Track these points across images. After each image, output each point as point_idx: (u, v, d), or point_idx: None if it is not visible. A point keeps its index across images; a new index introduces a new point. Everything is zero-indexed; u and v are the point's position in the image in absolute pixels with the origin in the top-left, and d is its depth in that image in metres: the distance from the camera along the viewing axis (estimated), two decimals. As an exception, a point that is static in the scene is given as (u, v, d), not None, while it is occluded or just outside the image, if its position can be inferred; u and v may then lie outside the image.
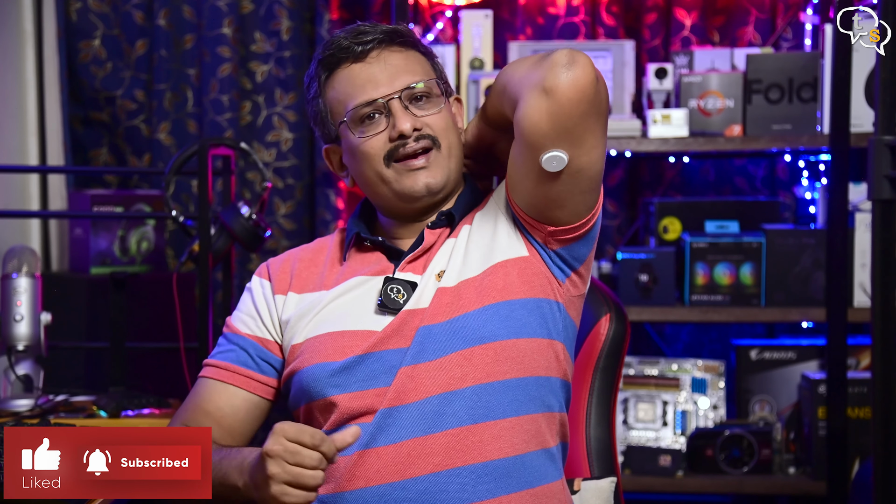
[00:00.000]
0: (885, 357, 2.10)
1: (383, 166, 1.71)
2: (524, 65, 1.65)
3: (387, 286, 1.70)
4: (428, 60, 1.79)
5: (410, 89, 1.72)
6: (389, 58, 1.73)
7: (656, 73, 3.04)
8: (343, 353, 1.68)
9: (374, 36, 1.74)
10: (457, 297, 1.67)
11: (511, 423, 1.64)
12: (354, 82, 1.72)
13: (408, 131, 1.69)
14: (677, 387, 3.11)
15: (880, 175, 2.09)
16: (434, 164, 1.72)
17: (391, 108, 1.71)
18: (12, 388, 2.33)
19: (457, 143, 1.76)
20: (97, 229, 3.02)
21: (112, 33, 3.34)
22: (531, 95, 1.58)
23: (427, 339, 1.66)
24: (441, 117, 1.73)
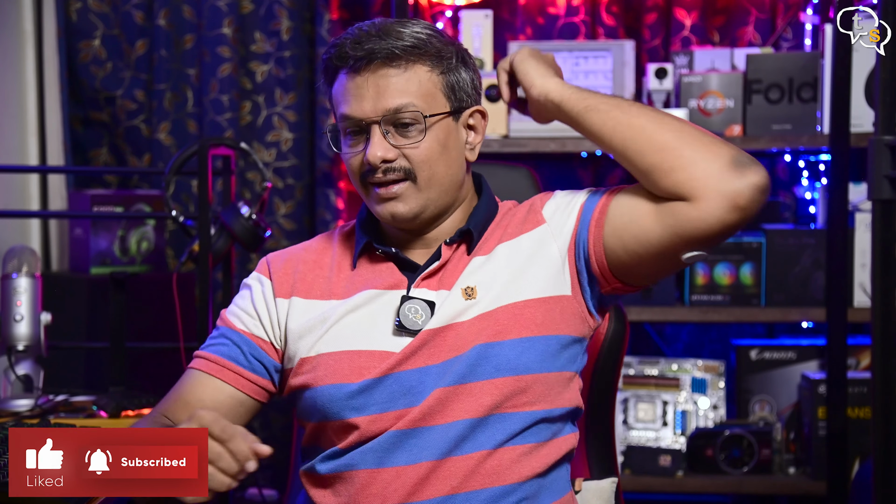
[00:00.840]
0: (885, 357, 2.10)
1: (361, 185, 1.69)
2: (697, 142, 1.60)
3: (404, 305, 1.65)
4: (438, 74, 1.68)
5: (391, 115, 1.64)
6: (381, 77, 1.65)
7: (656, 73, 3.04)
8: (360, 375, 1.63)
9: (369, 49, 1.64)
10: (493, 323, 1.64)
11: (530, 449, 1.64)
12: (345, 94, 1.67)
13: (375, 162, 1.63)
14: (677, 387, 3.11)
15: (880, 175, 2.08)
16: (405, 196, 1.66)
17: (370, 131, 1.65)
18: (12, 388, 2.32)
19: (445, 168, 1.68)
20: (97, 229, 3.02)
21: (112, 33, 3.34)
22: (718, 203, 1.57)
23: (458, 363, 1.62)
24: (422, 150, 1.65)
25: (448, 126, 1.69)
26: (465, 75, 1.71)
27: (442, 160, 1.67)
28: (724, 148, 1.60)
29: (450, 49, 1.69)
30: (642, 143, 1.62)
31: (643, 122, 1.63)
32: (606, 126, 1.65)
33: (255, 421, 3.31)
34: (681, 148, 1.60)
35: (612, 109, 1.66)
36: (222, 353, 1.72)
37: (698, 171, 1.58)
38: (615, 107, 1.66)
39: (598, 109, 1.66)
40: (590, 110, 1.66)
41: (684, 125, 1.63)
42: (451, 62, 1.69)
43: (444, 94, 1.68)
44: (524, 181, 2.17)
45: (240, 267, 3.31)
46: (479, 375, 1.62)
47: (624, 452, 3.07)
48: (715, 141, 1.61)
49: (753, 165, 1.58)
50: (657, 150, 1.61)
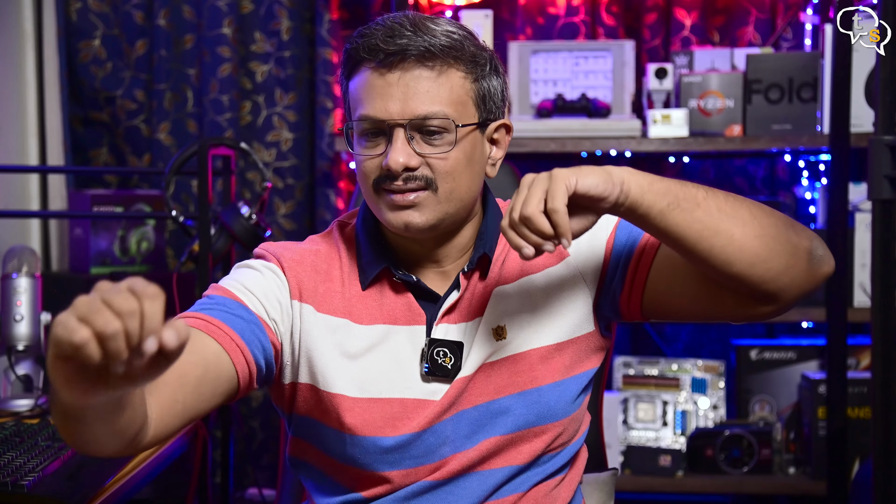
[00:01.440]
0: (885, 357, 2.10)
1: (373, 191, 1.55)
2: (783, 249, 1.47)
3: (433, 350, 1.55)
4: (471, 82, 1.55)
5: (421, 120, 1.51)
6: (413, 78, 1.51)
7: (656, 73, 3.04)
8: (396, 428, 1.54)
9: (404, 46, 1.50)
10: (527, 367, 1.57)
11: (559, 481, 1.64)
12: (369, 91, 1.52)
13: (397, 169, 1.50)
14: (677, 387, 3.11)
15: (880, 175, 2.08)
16: (423, 205, 1.53)
17: (393, 134, 1.52)
18: (12, 388, 2.32)
19: (466, 185, 1.55)
20: (97, 229, 3.02)
21: (112, 33, 3.34)
22: (792, 302, 1.52)
23: (498, 412, 1.56)
24: (449, 161, 1.52)
25: (475, 138, 1.57)
26: (496, 84, 1.59)
27: (466, 174, 1.55)
28: (805, 242, 1.48)
29: (484, 55, 1.57)
30: (730, 253, 1.45)
31: (730, 227, 1.44)
32: (691, 229, 1.44)
33: (253, 421, 3.32)
34: (769, 260, 1.46)
35: (695, 209, 1.44)
36: (219, 317, 1.49)
37: (784, 281, 1.48)
38: (697, 205, 1.45)
39: (682, 208, 1.44)
40: (672, 208, 1.44)
41: (767, 223, 1.46)
42: (485, 69, 1.57)
43: (474, 103, 1.56)
44: (506, 178, 2.15)
45: (240, 267, 3.31)
46: (521, 424, 1.57)
47: (624, 452, 3.07)
48: (793, 235, 1.48)
49: (827, 257, 1.51)
50: (746, 264, 1.45)
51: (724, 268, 1.46)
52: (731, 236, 1.44)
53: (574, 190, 1.38)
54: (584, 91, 3.12)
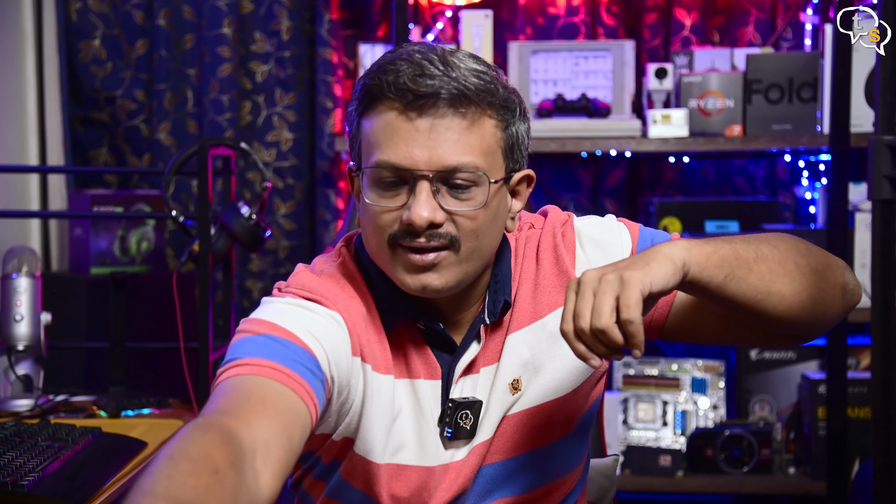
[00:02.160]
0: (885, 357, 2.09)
1: (386, 245, 1.40)
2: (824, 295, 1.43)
3: (457, 414, 1.45)
4: (502, 131, 1.42)
5: (449, 172, 1.36)
6: (444, 123, 1.36)
7: (656, 73, 3.04)
8: (423, 499, 1.47)
9: (437, 88, 1.35)
10: (543, 421, 1.50)
11: None
12: (391, 135, 1.37)
13: (421, 225, 1.36)
14: (677, 387, 3.11)
15: (880, 175, 2.08)
16: (443, 266, 1.39)
17: (416, 186, 1.36)
18: (12, 388, 2.32)
19: (488, 244, 1.43)
20: (97, 229, 3.02)
21: (112, 33, 3.34)
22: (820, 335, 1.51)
23: (516, 470, 1.50)
24: (474, 218, 1.38)
25: (501, 193, 1.44)
26: (523, 130, 1.47)
27: (490, 231, 1.42)
28: (839, 277, 1.46)
29: (514, 98, 1.44)
30: (781, 311, 1.40)
31: (780, 287, 1.39)
32: (747, 296, 1.38)
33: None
34: (815, 308, 1.43)
35: (748, 276, 1.37)
36: (291, 366, 1.33)
37: (823, 321, 1.46)
38: (750, 270, 1.37)
39: (736, 277, 1.36)
40: (729, 280, 1.36)
41: (809, 272, 1.41)
42: (515, 114, 1.44)
43: (503, 153, 1.43)
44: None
45: (240, 267, 3.31)
46: (537, 483, 1.52)
47: (624, 452, 3.07)
48: (834, 279, 1.45)
49: (857, 287, 1.49)
50: (795, 317, 1.41)
51: (775, 323, 1.42)
52: (783, 296, 1.40)
53: (649, 293, 1.26)
54: (584, 91, 3.12)
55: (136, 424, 2.21)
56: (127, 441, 2.01)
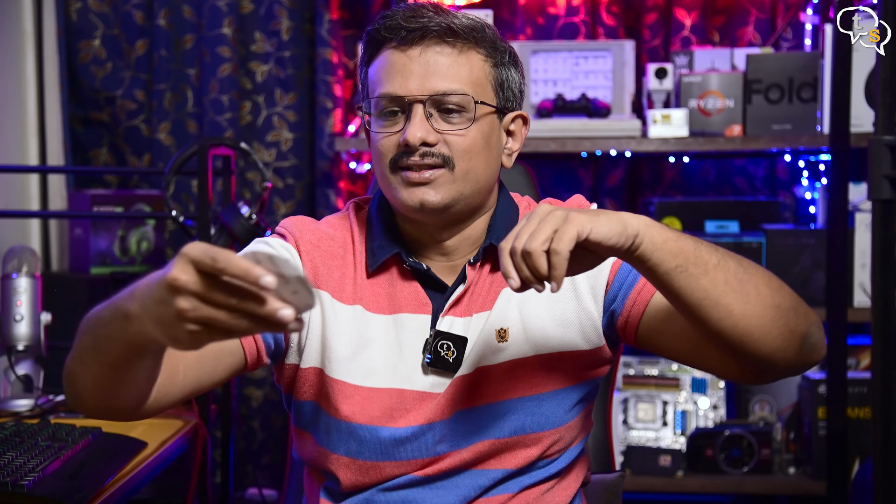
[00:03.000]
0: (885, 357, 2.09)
1: (388, 170, 1.55)
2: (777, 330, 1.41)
3: (437, 342, 1.55)
4: (489, 66, 1.57)
5: (440, 97, 1.52)
6: (433, 55, 1.52)
7: (656, 73, 3.04)
8: (394, 419, 1.54)
9: (425, 23, 1.52)
10: (529, 372, 1.56)
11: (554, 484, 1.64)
12: (389, 70, 1.53)
13: (415, 143, 1.51)
14: (677, 387, 3.11)
15: (880, 175, 2.08)
16: (439, 183, 1.53)
17: (412, 110, 1.52)
18: (12, 388, 2.33)
19: (484, 165, 1.56)
20: (97, 229, 3.02)
21: (112, 33, 3.34)
22: (775, 378, 1.50)
23: (497, 415, 1.57)
24: (466, 138, 1.53)
25: (493, 122, 1.58)
26: (514, 75, 1.61)
27: (483, 155, 1.56)
28: (802, 327, 1.44)
29: (503, 45, 1.60)
30: (724, 326, 1.41)
31: (730, 301, 1.39)
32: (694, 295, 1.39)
33: (253, 421, 3.32)
34: (762, 341, 1.42)
35: (701, 276, 1.38)
36: None
37: (775, 361, 1.44)
38: (705, 272, 1.38)
39: (688, 271, 1.38)
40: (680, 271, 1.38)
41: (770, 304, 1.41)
42: (504, 57, 1.59)
43: (493, 87, 1.57)
44: (520, 178, 2.16)
45: (240, 267, 3.30)
46: (518, 430, 1.57)
47: (624, 452, 3.07)
48: (795, 325, 1.44)
49: (820, 346, 1.48)
50: (737, 340, 1.42)
51: (714, 337, 1.43)
52: (730, 311, 1.39)
53: (586, 238, 1.31)
54: (584, 91, 3.12)
55: (136, 424, 2.22)
56: (127, 441, 2.01)
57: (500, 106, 1.58)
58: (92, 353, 1.34)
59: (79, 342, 1.37)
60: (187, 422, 2.30)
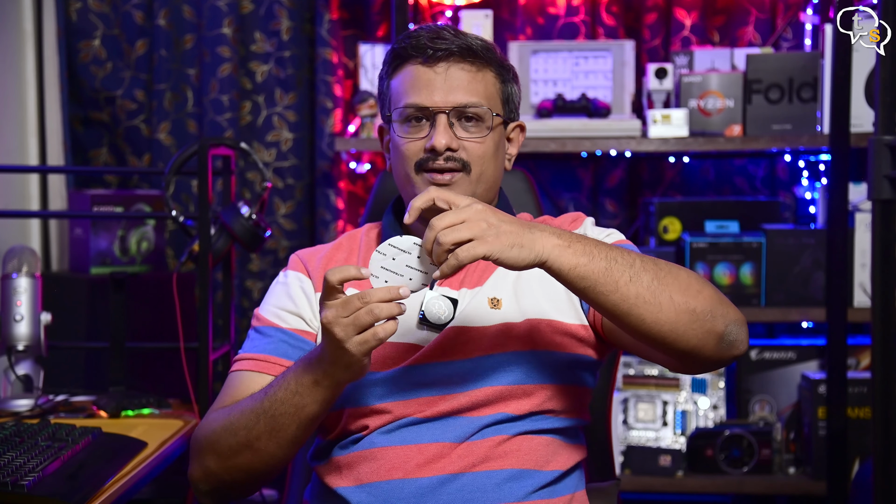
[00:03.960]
0: (885, 357, 2.10)
1: (413, 171, 1.74)
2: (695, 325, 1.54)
3: (428, 300, 1.72)
4: (499, 83, 1.78)
5: (462, 108, 1.72)
6: (455, 72, 1.73)
7: (656, 73, 3.04)
8: (386, 364, 1.69)
9: (448, 46, 1.73)
10: (522, 332, 1.70)
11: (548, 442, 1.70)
12: (415, 83, 1.73)
13: (441, 148, 1.70)
14: (677, 387, 3.11)
15: (880, 175, 2.09)
16: (457, 185, 1.72)
17: (436, 120, 1.72)
18: (12, 388, 2.32)
19: (493, 171, 1.76)
20: (97, 229, 3.02)
21: (112, 33, 3.34)
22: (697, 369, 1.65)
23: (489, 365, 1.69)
24: (482, 145, 1.73)
25: (501, 131, 1.79)
26: (516, 90, 1.82)
27: (493, 161, 1.76)
28: (719, 327, 1.56)
29: (508, 64, 1.81)
30: (638, 333, 1.55)
31: (642, 313, 1.52)
32: (606, 308, 1.53)
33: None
34: (676, 342, 1.55)
35: (611, 294, 1.51)
36: (268, 350, 1.74)
37: (694, 356, 1.58)
38: (615, 290, 1.51)
39: (596, 291, 1.51)
40: (588, 291, 1.51)
41: (683, 310, 1.53)
42: (510, 74, 1.80)
43: (501, 101, 1.78)
44: (520, 183, 2.17)
45: (240, 267, 3.31)
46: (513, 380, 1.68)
47: (624, 452, 3.07)
48: (712, 326, 1.55)
49: (740, 341, 1.60)
50: (651, 343, 1.57)
51: (636, 337, 1.58)
52: (643, 320, 1.53)
53: (495, 259, 1.46)
54: (584, 91, 3.12)
55: (136, 424, 2.22)
56: (127, 441, 2.01)
57: (506, 117, 1.79)
58: (276, 434, 1.61)
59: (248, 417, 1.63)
60: (187, 422, 2.30)
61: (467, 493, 1.63)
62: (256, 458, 1.63)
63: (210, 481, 1.68)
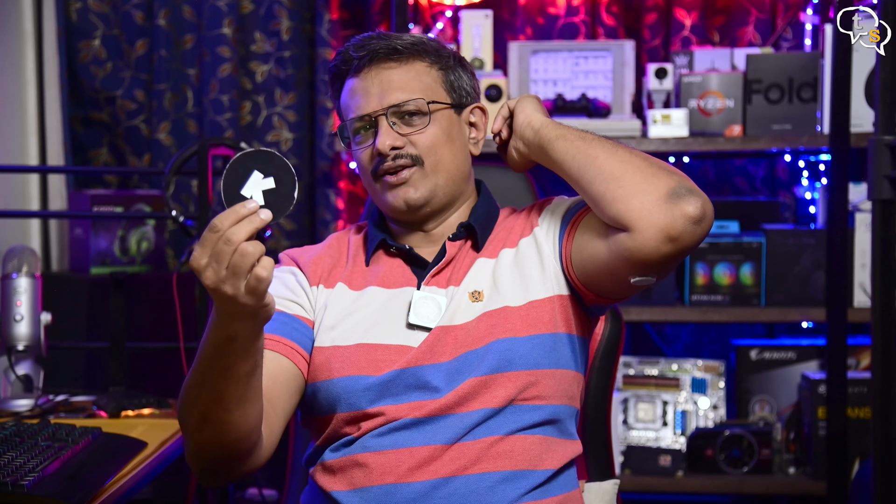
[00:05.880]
0: (885, 357, 2.10)
1: (371, 179, 1.76)
2: (639, 174, 1.61)
3: (416, 302, 1.72)
4: (436, 71, 1.78)
5: (397, 107, 1.74)
6: (383, 73, 1.75)
7: (656, 73, 3.04)
8: (378, 368, 1.68)
9: (368, 50, 1.75)
10: (503, 321, 1.70)
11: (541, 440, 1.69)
12: (352, 95, 1.77)
13: (384, 150, 1.72)
14: (677, 387, 3.11)
15: (880, 175, 2.09)
16: (414, 180, 1.74)
17: (378, 123, 1.74)
18: (12, 388, 2.32)
19: (450, 156, 1.76)
20: (97, 229, 3.02)
21: (112, 33, 3.34)
22: (651, 235, 1.57)
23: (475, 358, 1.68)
24: (428, 136, 1.74)
25: (450, 117, 1.78)
26: (463, 75, 1.81)
27: (447, 148, 1.76)
28: (665, 178, 1.60)
29: (446, 51, 1.81)
30: (593, 171, 1.64)
31: (598, 151, 1.66)
32: (568, 154, 1.68)
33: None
34: (623, 178, 1.61)
35: (577, 140, 1.69)
36: (271, 329, 1.70)
37: (635, 202, 1.58)
38: (580, 138, 1.69)
39: (566, 138, 1.70)
40: (559, 139, 1.70)
41: (635, 156, 1.64)
42: (449, 61, 1.80)
43: (444, 88, 1.78)
44: (520, 184, 2.17)
45: (240, 267, 3.31)
46: (494, 367, 1.67)
47: (624, 452, 3.07)
48: (659, 172, 1.61)
49: (691, 196, 1.58)
50: (604, 180, 1.62)
51: (590, 186, 1.64)
52: (596, 157, 1.65)
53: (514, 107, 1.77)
54: (584, 91, 3.12)
55: (136, 424, 2.22)
56: (127, 441, 2.01)
57: (455, 102, 1.79)
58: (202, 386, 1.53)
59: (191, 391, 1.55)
60: (187, 422, 2.30)
61: (460, 496, 1.63)
62: (218, 430, 1.54)
63: (195, 461, 1.61)
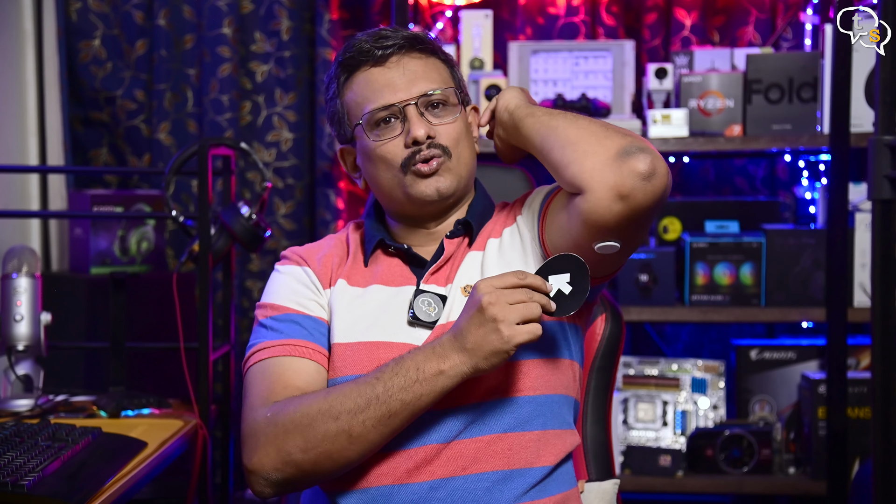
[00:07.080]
0: (885, 357, 2.10)
1: (399, 171, 1.73)
2: (593, 137, 1.61)
3: (417, 299, 1.72)
4: (447, 68, 1.80)
5: (427, 96, 1.73)
6: (409, 63, 1.74)
7: (656, 73, 3.04)
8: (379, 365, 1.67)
9: (394, 41, 1.74)
10: None
11: (538, 436, 1.69)
12: (373, 86, 1.74)
13: (422, 138, 1.70)
14: (677, 387, 3.11)
15: (880, 175, 2.08)
16: (445, 171, 1.73)
17: (407, 113, 1.72)
18: (12, 388, 2.33)
19: (468, 152, 1.78)
20: (97, 229, 3.02)
21: (112, 33, 3.34)
22: (603, 194, 1.55)
23: None
24: (455, 127, 1.75)
25: (464, 114, 1.79)
26: (461, 75, 1.84)
27: (466, 143, 1.78)
28: (618, 139, 1.58)
29: (446, 51, 1.83)
30: (552, 139, 1.65)
31: (559, 122, 1.66)
32: (534, 128, 1.70)
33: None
34: (578, 142, 1.60)
35: (543, 115, 1.70)
36: (301, 335, 1.71)
37: (587, 163, 1.57)
38: (547, 113, 1.70)
39: (534, 115, 1.71)
40: (528, 116, 1.72)
41: (593, 123, 1.64)
42: (452, 62, 1.83)
43: (454, 84, 1.79)
44: (519, 182, 2.17)
45: (240, 267, 3.31)
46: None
47: (624, 452, 3.07)
48: (613, 134, 1.59)
49: (640, 153, 1.54)
50: (561, 146, 1.63)
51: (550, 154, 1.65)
52: (556, 127, 1.65)
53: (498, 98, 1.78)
54: (584, 91, 3.12)
55: (136, 424, 2.22)
56: (127, 441, 2.01)
57: (461, 100, 1.80)
58: (384, 422, 1.58)
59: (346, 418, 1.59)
60: (187, 422, 2.30)
61: (458, 497, 1.62)
62: (352, 445, 1.58)
63: (287, 469, 1.61)
